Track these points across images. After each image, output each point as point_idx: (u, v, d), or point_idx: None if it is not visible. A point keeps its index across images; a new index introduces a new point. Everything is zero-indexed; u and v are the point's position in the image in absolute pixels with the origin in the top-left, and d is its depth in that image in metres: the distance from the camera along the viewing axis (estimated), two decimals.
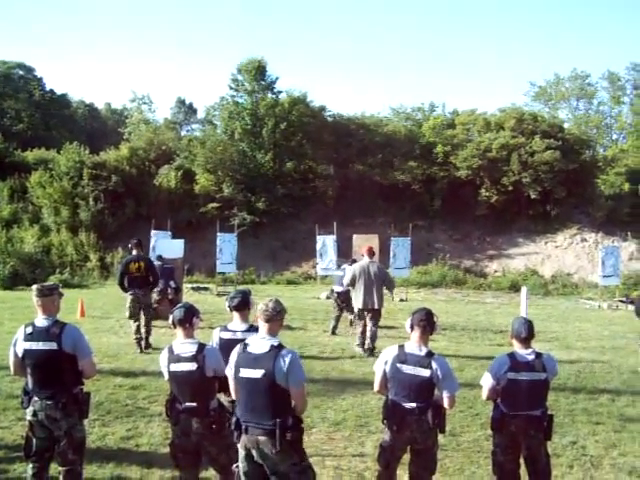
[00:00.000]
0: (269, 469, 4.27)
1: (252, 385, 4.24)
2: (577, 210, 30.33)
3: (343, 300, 13.23)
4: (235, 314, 5.51)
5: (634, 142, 34.93)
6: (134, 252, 11.48)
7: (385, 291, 11.86)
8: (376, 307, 11.27)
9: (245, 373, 4.27)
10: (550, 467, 5.15)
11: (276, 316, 4.35)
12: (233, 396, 4.52)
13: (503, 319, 15.96)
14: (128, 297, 11.27)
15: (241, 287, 6.24)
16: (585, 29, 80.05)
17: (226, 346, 5.27)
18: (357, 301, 11.38)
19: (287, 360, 4.17)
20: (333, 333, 13.29)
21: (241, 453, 4.38)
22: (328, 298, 13.40)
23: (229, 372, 4.45)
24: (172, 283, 14.03)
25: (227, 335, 5.45)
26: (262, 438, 4.21)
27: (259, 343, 4.31)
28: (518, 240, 29.73)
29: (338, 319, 13.46)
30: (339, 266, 16.85)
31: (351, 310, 12.63)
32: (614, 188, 30.55)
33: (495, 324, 15.48)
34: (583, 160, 30.95)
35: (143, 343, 11.12)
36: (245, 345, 4.35)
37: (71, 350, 4.80)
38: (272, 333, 4.34)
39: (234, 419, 4.41)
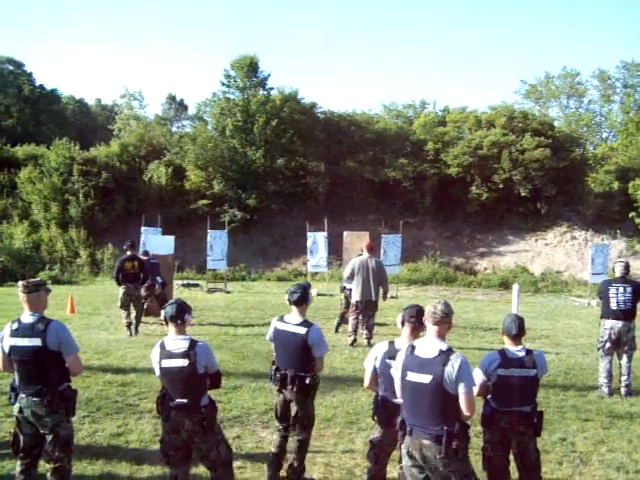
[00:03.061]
0: (430, 472, 4.24)
1: (418, 389, 4.19)
2: (567, 208, 30.43)
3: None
4: (294, 308, 5.64)
5: (624, 140, 34.97)
6: (129, 252, 12.96)
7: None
8: (373, 299, 11.78)
9: (412, 377, 4.22)
10: (540, 463, 5.18)
11: (445, 318, 4.27)
12: (399, 397, 4.45)
13: (493, 316, 16.02)
14: (121, 290, 12.72)
15: (301, 281, 6.26)
16: (576, 27, 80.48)
17: (278, 336, 5.62)
18: (355, 293, 11.82)
19: (456, 365, 4.09)
20: (337, 331, 13.05)
21: (403, 452, 4.36)
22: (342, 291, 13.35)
23: (395, 373, 4.40)
24: (158, 278, 14.03)
25: (281, 326, 5.63)
26: (427, 442, 4.16)
27: (427, 347, 4.25)
28: (508, 237, 29.80)
29: (343, 317, 13.11)
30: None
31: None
32: (604, 186, 30.59)
33: (485, 321, 15.53)
34: (573, 158, 31.03)
35: (132, 329, 12.40)
36: (412, 347, 4.31)
37: (55, 347, 4.77)
38: (441, 336, 4.27)
39: (399, 419, 4.38)
